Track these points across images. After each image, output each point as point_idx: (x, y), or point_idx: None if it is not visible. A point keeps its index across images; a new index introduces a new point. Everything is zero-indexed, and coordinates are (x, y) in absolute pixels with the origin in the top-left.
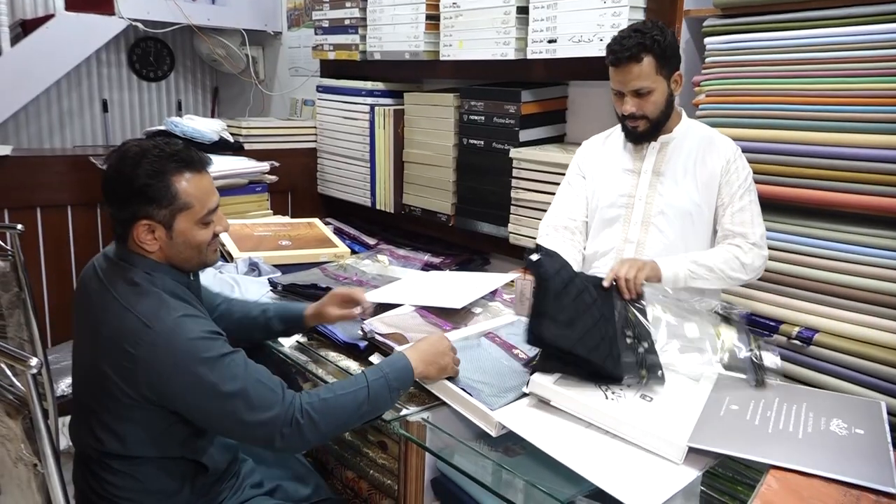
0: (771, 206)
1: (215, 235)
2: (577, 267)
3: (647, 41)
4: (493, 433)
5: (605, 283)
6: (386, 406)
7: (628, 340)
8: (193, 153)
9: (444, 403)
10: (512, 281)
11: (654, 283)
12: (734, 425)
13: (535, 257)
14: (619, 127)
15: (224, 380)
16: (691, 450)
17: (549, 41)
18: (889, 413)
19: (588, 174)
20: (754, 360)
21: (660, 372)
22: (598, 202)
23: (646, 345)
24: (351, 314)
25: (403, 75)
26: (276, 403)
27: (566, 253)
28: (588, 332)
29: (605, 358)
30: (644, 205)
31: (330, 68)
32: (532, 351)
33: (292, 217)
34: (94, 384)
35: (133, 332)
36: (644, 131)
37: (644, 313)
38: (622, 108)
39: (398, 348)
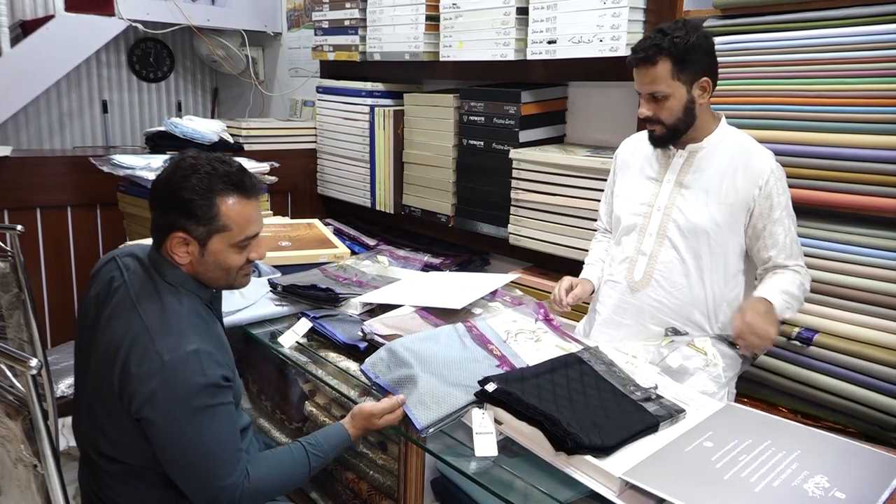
0: None
1: (248, 261)
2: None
3: (665, 43)
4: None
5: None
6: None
7: (638, 393)
8: (246, 178)
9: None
10: (512, 282)
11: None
12: (689, 464)
13: (491, 387)
14: None
15: (201, 433)
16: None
17: (549, 42)
18: (889, 413)
19: (618, 174)
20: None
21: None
22: (620, 207)
23: (654, 389)
24: None
25: (403, 76)
26: (228, 476)
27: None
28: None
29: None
30: (662, 216)
31: (330, 69)
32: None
33: (292, 218)
34: (95, 383)
35: (140, 352)
36: (661, 136)
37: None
38: (639, 109)
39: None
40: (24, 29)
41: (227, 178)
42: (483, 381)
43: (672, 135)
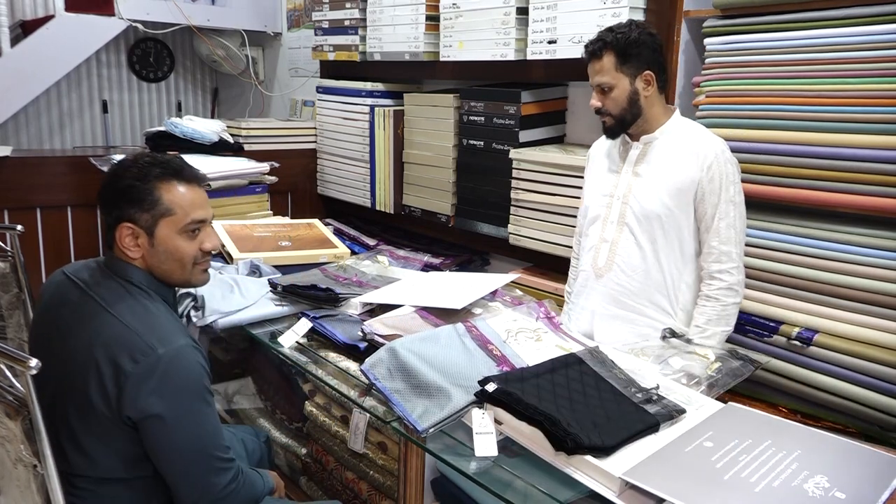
0: (770, 207)
1: (205, 254)
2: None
3: (609, 38)
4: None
5: None
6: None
7: (639, 395)
8: (185, 166)
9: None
10: (512, 282)
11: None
12: (690, 464)
13: (491, 387)
14: None
15: (205, 421)
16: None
17: (549, 42)
18: (889, 413)
19: (589, 171)
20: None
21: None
22: (588, 199)
23: (655, 390)
24: None
25: (403, 76)
26: (228, 457)
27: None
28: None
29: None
30: (621, 204)
31: (330, 69)
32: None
33: (292, 218)
34: (64, 401)
35: (130, 350)
36: (610, 127)
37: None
38: (590, 102)
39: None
40: (24, 29)
41: (165, 165)
42: (483, 381)
43: (620, 125)
